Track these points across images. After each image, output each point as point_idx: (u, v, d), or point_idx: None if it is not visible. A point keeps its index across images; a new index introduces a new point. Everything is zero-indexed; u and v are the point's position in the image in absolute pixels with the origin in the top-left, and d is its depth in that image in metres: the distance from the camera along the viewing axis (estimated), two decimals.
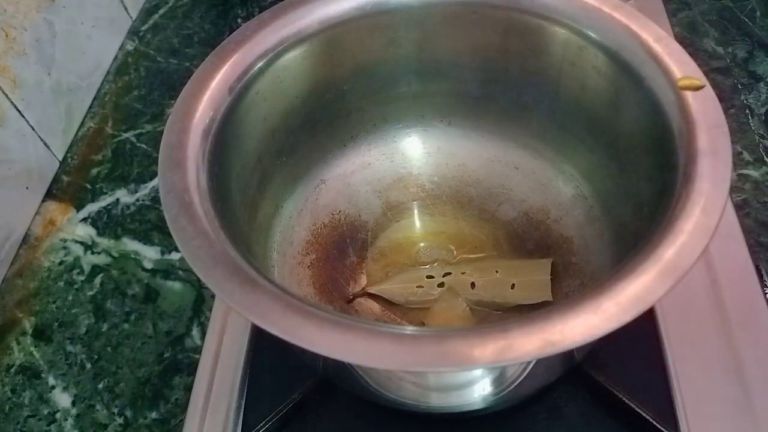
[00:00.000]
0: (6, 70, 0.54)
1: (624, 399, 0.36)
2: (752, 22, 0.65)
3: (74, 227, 0.56)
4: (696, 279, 0.42)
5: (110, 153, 0.62)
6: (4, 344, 0.49)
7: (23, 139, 0.56)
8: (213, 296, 0.49)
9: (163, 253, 0.54)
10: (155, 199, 0.58)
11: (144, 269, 0.53)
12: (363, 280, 0.42)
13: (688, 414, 0.37)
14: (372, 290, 0.41)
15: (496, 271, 0.40)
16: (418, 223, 0.45)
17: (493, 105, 0.42)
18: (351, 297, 0.41)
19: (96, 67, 0.68)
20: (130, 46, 0.73)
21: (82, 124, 0.65)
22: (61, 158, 0.61)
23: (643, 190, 0.33)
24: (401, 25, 0.39)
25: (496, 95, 0.42)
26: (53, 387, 0.46)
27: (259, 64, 0.35)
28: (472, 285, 0.40)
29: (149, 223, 0.56)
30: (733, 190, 0.51)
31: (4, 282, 0.53)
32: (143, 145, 0.62)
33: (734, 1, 0.67)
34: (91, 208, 0.58)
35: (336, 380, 0.37)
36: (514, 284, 0.39)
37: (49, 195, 0.59)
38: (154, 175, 0.60)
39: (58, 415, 0.45)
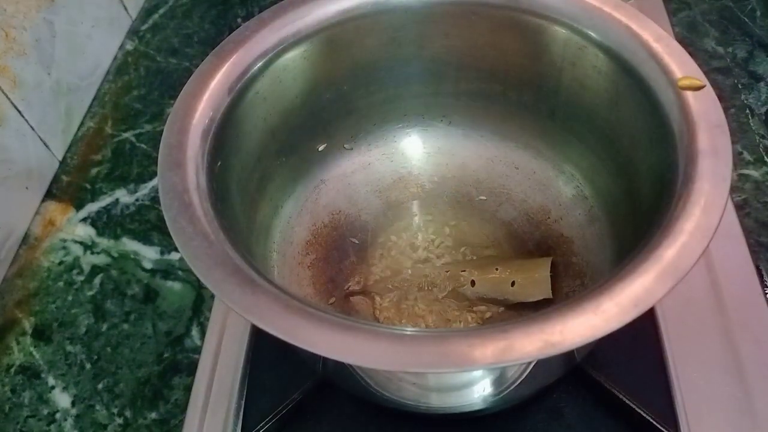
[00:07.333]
0: (6, 70, 0.54)
1: (624, 399, 0.36)
2: (752, 22, 0.65)
3: (74, 227, 0.56)
4: (696, 279, 0.42)
5: (110, 153, 0.62)
6: (4, 344, 0.49)
7: (23, 139, 0.56)
8: (213, 296, 0.49)
9: (162, 253, 0.54)
10: (155, 199, 0.58)
11: (144, 269, 0.53)
12: (363, 280, 0.42)
13: (688, 414, 0.37)
14: (372, 290, 0.41)
15: (496, 269, 0.40)
16: (418, 223, 0.45)
17: (493, 105, 0.42)
18: (349, 293, 0.41)
19: (96, 67, 0.68)
20: (130, 46, 0.73)
21: (82, 124, 0.65)
22: (60, 158, 0.61)
23: (643, 190, 0.33)
24: (401, 25, 0.39)
25: (496, 95, 0.42)
26: (53, 387, 0.46)
27: (259, 64, 0.35)
28: (473, 283, 0.40)
29: (149, 223, 0.56)
30: (733, 190, 0.51)
31: (4, 282, 0.53)
32: (143, 145, 0.62)
33: (734, 1, 0.67)
34: (91, 208, 0.58)
35: (336, 380, 0.37)
36: (514, 282, 0.39)
37: (49, 195, 0.59)
38: (153, 175, 0.60)
39: (57, 415, 0.45)
